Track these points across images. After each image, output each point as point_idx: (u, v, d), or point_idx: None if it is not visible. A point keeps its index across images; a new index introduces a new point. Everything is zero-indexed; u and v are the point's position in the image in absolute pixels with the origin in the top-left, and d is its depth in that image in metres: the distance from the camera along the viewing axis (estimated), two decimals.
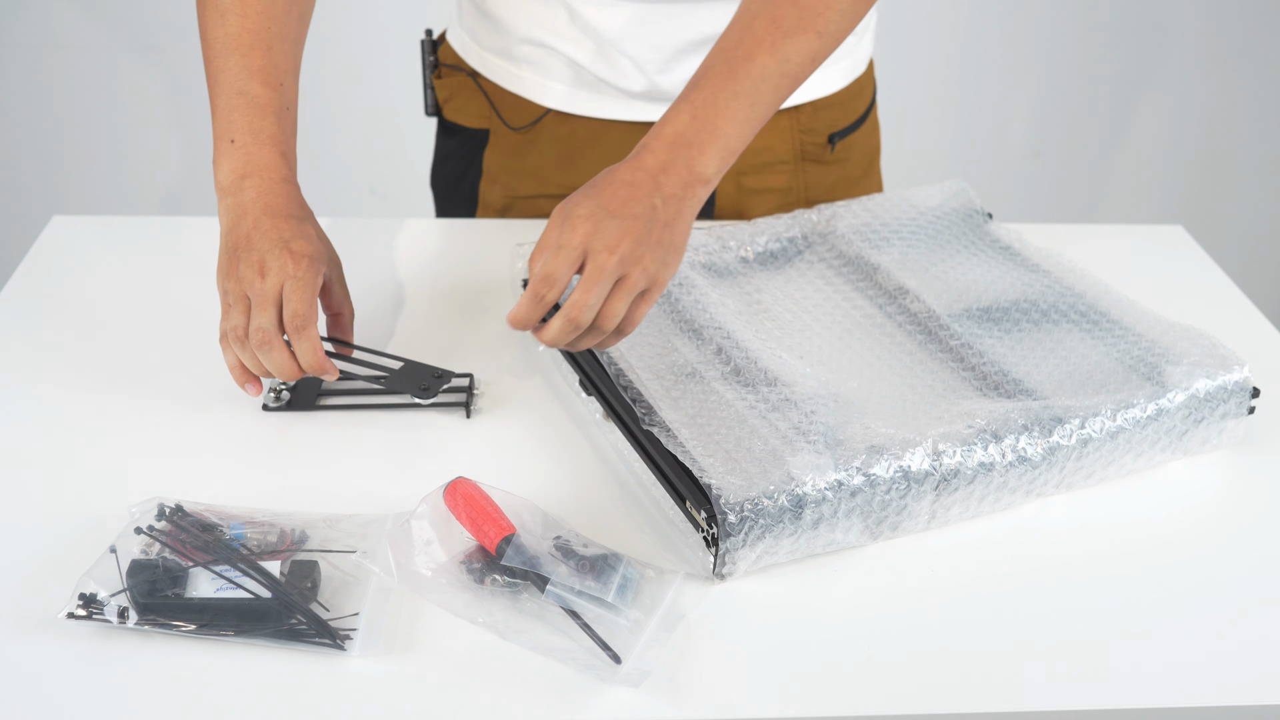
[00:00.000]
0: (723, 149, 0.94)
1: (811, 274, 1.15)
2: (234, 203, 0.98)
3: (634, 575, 0.85)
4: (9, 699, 0.76)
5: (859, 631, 0.85)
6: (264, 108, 1.00)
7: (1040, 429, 0.93)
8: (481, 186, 1.33)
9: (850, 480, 0.88)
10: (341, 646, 0.80)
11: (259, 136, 0.99)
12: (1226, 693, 0.82)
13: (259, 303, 0.94)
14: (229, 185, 0.98)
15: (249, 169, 0.98)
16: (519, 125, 1.27)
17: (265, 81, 1.00)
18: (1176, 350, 1.02)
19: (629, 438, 0.95)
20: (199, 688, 0.78)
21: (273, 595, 0.80)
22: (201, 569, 0.82)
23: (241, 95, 1.00)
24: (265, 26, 1.02)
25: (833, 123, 1.29)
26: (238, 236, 0.97)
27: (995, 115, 2.57)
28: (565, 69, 1.23)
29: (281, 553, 0.84)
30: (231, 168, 0.98)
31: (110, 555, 0.82)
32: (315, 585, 0.83)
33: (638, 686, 0.79)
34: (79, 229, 1.25)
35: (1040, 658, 0.84)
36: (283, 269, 0.94)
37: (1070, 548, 0.93)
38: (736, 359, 1.00)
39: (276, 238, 0.95)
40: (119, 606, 0.80)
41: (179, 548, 0.83)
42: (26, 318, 1.11)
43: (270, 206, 0.97)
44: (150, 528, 0.84)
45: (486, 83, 1.28)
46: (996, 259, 1.15)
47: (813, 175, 1.30)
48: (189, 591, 0.81)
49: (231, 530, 0.85)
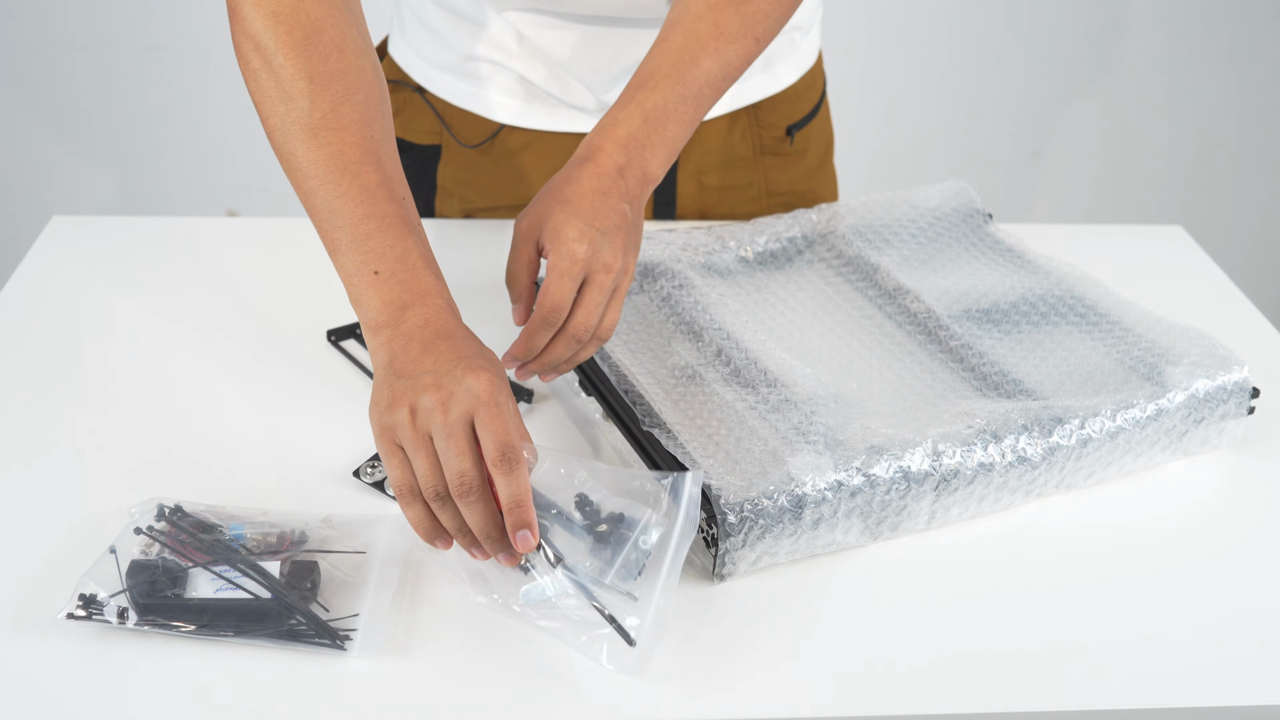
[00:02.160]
0: (669, 149, 0.97)
1: (811, 274, 1.15)
2: (393, 334, 0.83)
3: (647, 543, 0.81)
4: (8, 699, 0.77)
5: (859, 632, 0.85)
6: (399, 228, 0.86)
7: (1040, 429, 0.93)
8: (438, 202, 1.33)
9: (850, 480, 0.88)
10: (341, 646, 0.80)
11: (407, 261, 0.85)
12: (1226, 693, 0.82)
13: (448, 438, 0.79)
14: (385, 319, 0.84)
15: (409, 298, 0.84)
16: (472, 142, 1.26)
17: (390, 198, 0.87)
18: (1176, 350, 1.02)
19: (629, 438, 0.95)
20: (198, 688, 0.78)
21: (272, 595, 0.80)
22: (201, 569, 0.82)
23: (369, 220, 0.85)
24: (369, 136, 0.88)
25: (790, 115, 1.30)
26: (404, 363, 0.82)
27: (995, 115, 2.57)
28: (517, 85, 1.22)
29: (281, 553, 0.84)
30: (386, 300, 0.84)
31: (110, 555, 0.82)
32: (315, 585, 0.83)
33: (642, 673, 0.79)
34: (79, 229, 1.25)
35: (1040, 658, 0.84)
36: (472, 394, 0.79)
37: (1070, 548, 0.93)
38: (736, 360, 1.00)
39: (455, 357, 0.81)
40: (119, 607, 0.80)
41: (178, 548, 0.83)
42: (26, 318, 1.11)
43: (443, 330, 0.83)
44: (150, 528, 0.84)
45: (435, 99, 1.26)
46: (997, 260, 1.15)
47: (772, 168, 1.31)
48: (189, 592, 0.81)
49: (231, 530, 0.85)
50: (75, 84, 2.36)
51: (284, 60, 0.87)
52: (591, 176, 0.93)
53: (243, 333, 1.10)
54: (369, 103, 0.89)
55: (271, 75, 0.87)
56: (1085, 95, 2.56)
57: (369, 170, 0.86)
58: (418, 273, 0.85)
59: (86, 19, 2.30)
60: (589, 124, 1.23)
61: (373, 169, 0.86)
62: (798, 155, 1.32)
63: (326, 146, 0.86)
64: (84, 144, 2.42)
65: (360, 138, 0.87)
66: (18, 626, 0.81)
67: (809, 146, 1.33)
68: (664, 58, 0.98)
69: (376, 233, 0.85)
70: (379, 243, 0.85)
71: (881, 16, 2.44)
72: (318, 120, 0.87)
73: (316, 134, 0.86)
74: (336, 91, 0.87)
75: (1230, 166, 2.65)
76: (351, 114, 0.87)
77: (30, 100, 2.37)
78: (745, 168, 1.30)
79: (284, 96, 0.87)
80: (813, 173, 1.35)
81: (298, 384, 1.05)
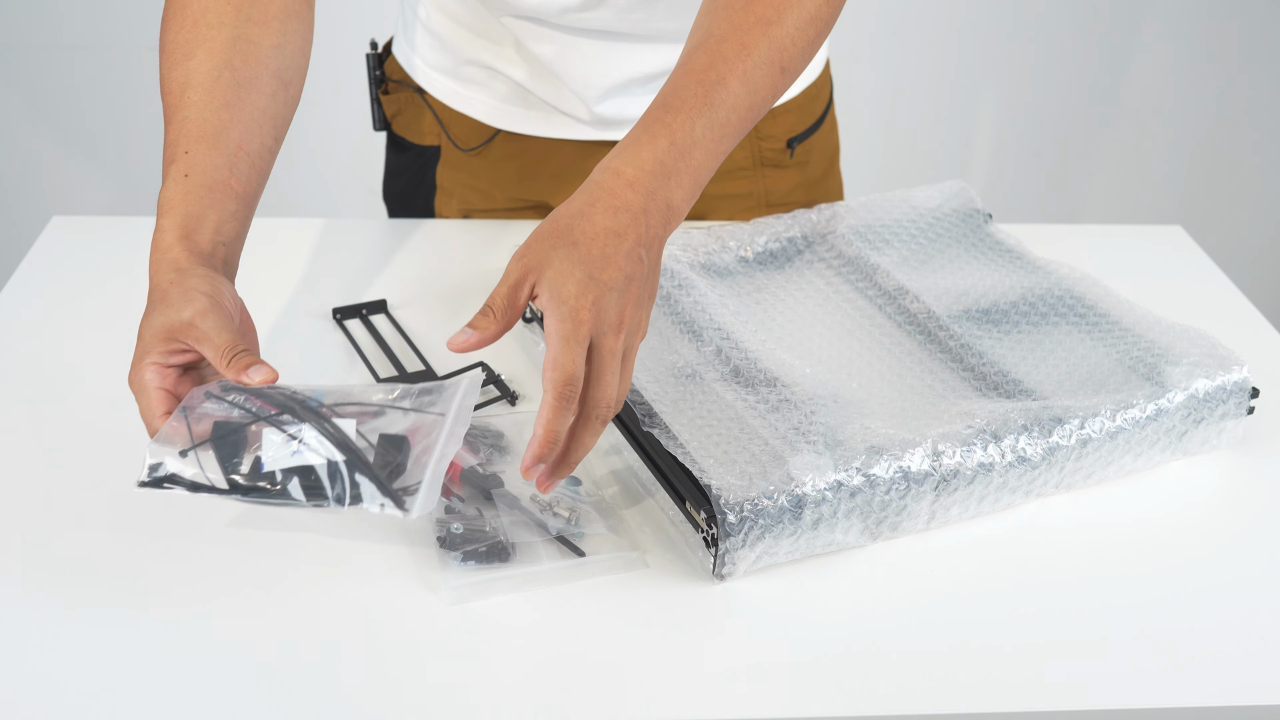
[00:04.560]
0: (695, 181, 0.88)
1: (811, 274, 1.15)
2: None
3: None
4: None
5: (859, 632, 0.85)
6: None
7: (1040, 429, 0.93)
8: (437, 202, 1.33)
9: (850, 481, 0.88)
10: (404, 507, 0.78)
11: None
12: (1226, 693, 0.82)
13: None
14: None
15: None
16: (469, 146, 1.26)
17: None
18: (1176, 350, 1.02)
19: (629, 438, 0.95)
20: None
21: (343, 455, 0.79)
22: (273, 429, 0.80)
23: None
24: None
25: (790, 128, 1.29)
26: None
27: (995, 115, 2.57)
28: (513, 92, 1.22)
29: (361, 407, 0.82)
30: None
31: (180, 416, 0.80)
32: (403, 464, 0.80)
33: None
34: (79, 229, 1.25)
35: (1040, 657, 0.84)
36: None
37: (1070, 548, 0.93)
38: (736, 360, 1.00)
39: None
40: (191, 472, 0.79)
41: (249, 408, 0.81)
42: (26, 318, 1.12)
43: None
44: (222, 388, 0.82)
45: (434, 100, 1.26)
46: (996, 260, 1.15)
47: (773, 180, 1.30)
48: (260, 452, 0.79)
49: (309, 393, 0.83)
50: (75, 84, 2.36)
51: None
52: (607, 213, 0.83)
53: None
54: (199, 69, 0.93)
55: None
56: (1085, 95, 2.56)
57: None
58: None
59: (86, 19, 2.30)
60: (584, 133, 1.23)
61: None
62: (799, 167, 1.32)
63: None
64: (84, 144, 2.42)
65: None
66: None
67: (811, 158, 1.33)
68: (689, 78, 0.89)
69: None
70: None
71: (881, 16, 2.44)
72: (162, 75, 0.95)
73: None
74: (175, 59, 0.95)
75: (1230, 166, 2.65)
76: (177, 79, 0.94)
77: (30, 100, 2.37)
78: (745, 178, 1.29)
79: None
80: (815, 183, 1.34)
81: (298, 382, 1.05)
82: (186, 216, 0.87)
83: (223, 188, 0.89)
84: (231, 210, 0.89)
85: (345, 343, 1.10)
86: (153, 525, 0.89)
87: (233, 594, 0.84)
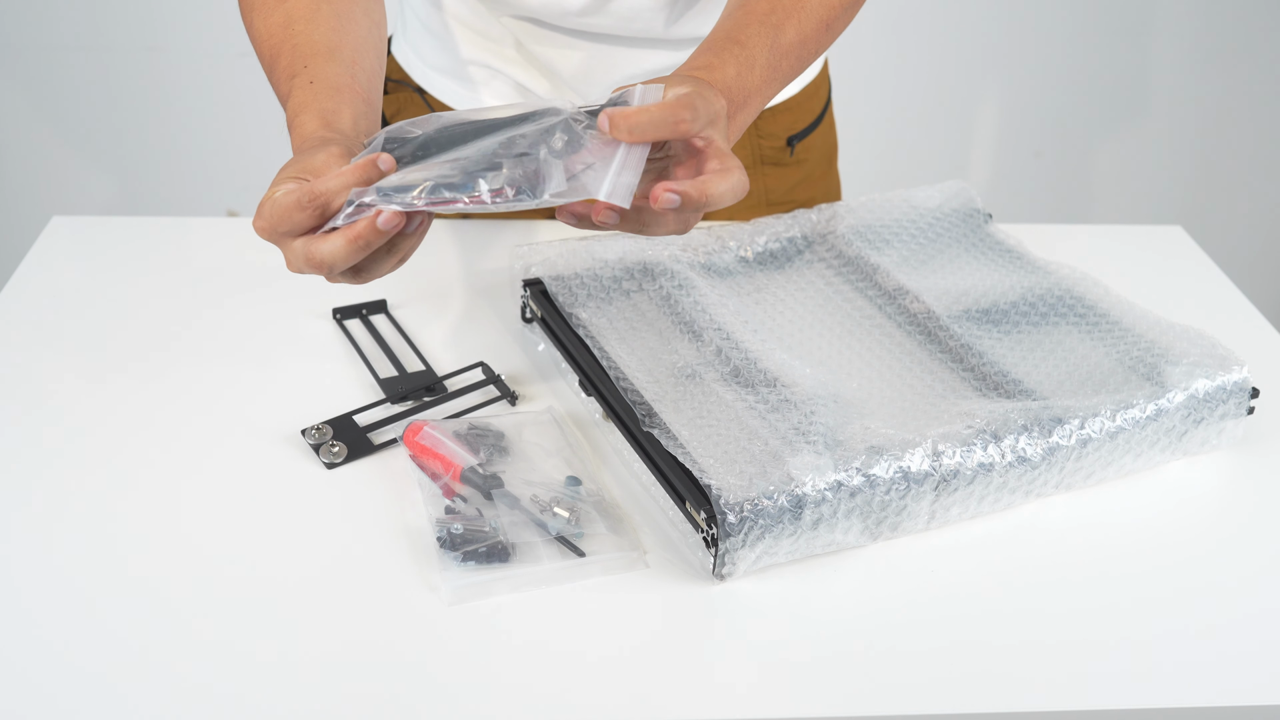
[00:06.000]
0: (743, 123, 0.92)
1: (811, 274, 1.15)
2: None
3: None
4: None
5: (859, 631, 0.85)
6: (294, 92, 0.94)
7: (1040, 429, 0.93)
8: None
9: (850, 481, 0.88)
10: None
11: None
12: (1226, 693, 0.82)
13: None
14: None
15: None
16: None
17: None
18: (1176, 350, 1.02)
19: (629, 438, 0.95)
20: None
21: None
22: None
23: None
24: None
25: (790, 125, 1.29)
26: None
27: (995, 115, 2.57)
28: (515, 93, 1.22)
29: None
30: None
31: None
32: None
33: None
34: (79, 229, 1.25)
35: (1040, 657, 0.84)
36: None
37: (1069, 548, 0.93)
38: (736, 360, 1.00)
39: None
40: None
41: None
42: (26, 318, 1.12)
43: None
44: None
45: (434, 100, 1.26)
46: (996, 260, 1.15)
47: (772, 178, 1.30)
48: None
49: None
50: (75, 84, 2.36)
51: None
52: (737, 125, 0.89)
53: (243, 333, 1.10)
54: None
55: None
56: (1085, 95, 2.56)
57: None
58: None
59: (86, 19, 2.30)
60: None
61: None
62: (798, 165, 1.32)
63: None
64: (84, 144, 2.42)
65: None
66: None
67: (810, 156, 1.33)
68: (751, 17, 0.93)
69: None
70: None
71: (881, 16, 2.44)
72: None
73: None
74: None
75: (1230, 166, 2.65)
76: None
77: (30, 100, 2.37)
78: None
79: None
80: (815, 181, 1.35)
81: (298, 382, 1.05)
82: (323, 111, 0.88)
83: (349, 91, 0.91)
84: (362, 110, 0.90)
85: (345, 342, 1.10)
86: (152, 524, 0.89)
87: (232, 593, 0.84)
